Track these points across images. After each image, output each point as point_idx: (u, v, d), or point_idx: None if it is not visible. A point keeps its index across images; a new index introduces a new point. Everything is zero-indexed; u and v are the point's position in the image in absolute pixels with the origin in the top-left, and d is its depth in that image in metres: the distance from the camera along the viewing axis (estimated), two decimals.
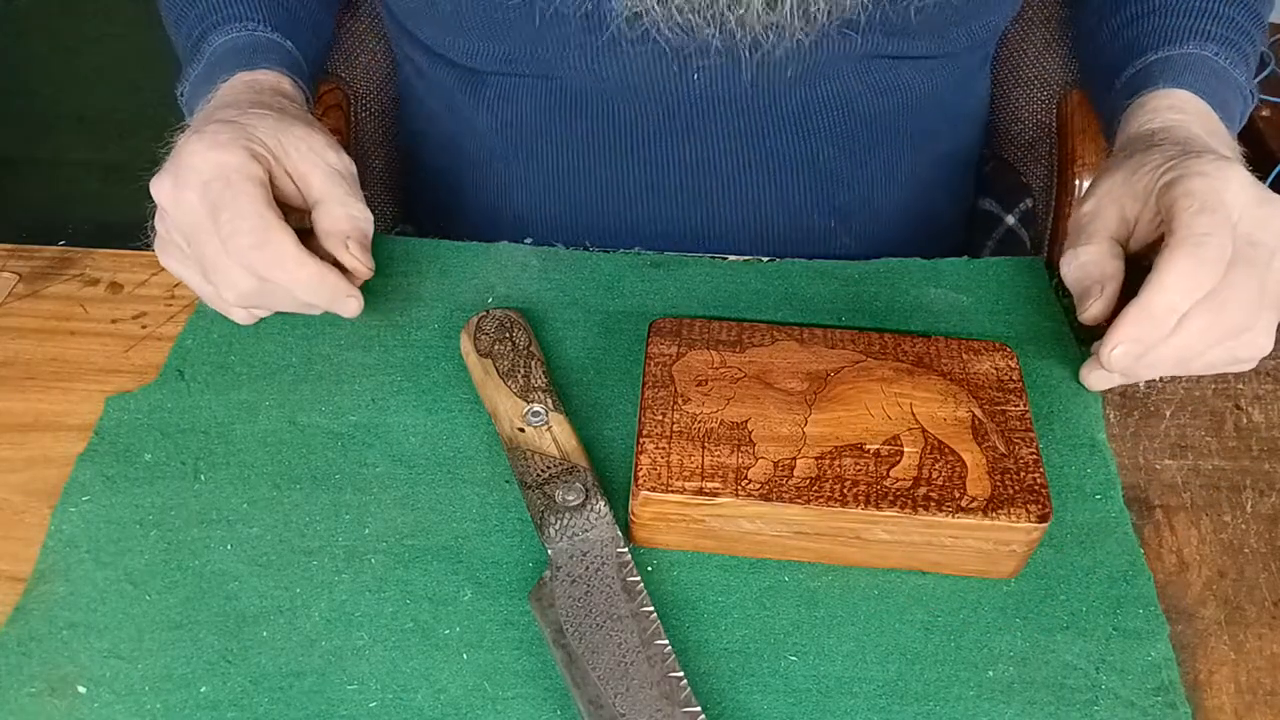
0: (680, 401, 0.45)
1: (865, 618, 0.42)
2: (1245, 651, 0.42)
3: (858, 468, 0.43)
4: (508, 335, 0.50)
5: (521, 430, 0.46)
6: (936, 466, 0.43)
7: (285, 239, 0.44)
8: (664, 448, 0.43)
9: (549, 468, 0.45)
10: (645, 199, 0.63)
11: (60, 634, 0.41)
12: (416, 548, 0.44)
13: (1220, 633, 0.42)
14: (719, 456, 0.43)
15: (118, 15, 1.83)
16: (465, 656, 0.41)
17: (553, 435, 0.46)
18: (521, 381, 0.48)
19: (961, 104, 0.68)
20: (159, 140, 0.51)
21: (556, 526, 0.43)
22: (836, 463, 0.43)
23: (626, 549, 0.43)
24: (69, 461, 0.47)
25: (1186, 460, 0.49)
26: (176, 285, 0.56)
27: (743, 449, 0.43)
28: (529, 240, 0.59)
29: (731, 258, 0.58)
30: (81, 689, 0.40)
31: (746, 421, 0.44)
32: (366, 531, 0.45)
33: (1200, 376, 0.52)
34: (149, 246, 0.51)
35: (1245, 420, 0.50)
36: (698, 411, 0.44)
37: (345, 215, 0.48)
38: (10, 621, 0.42)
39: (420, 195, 0.77)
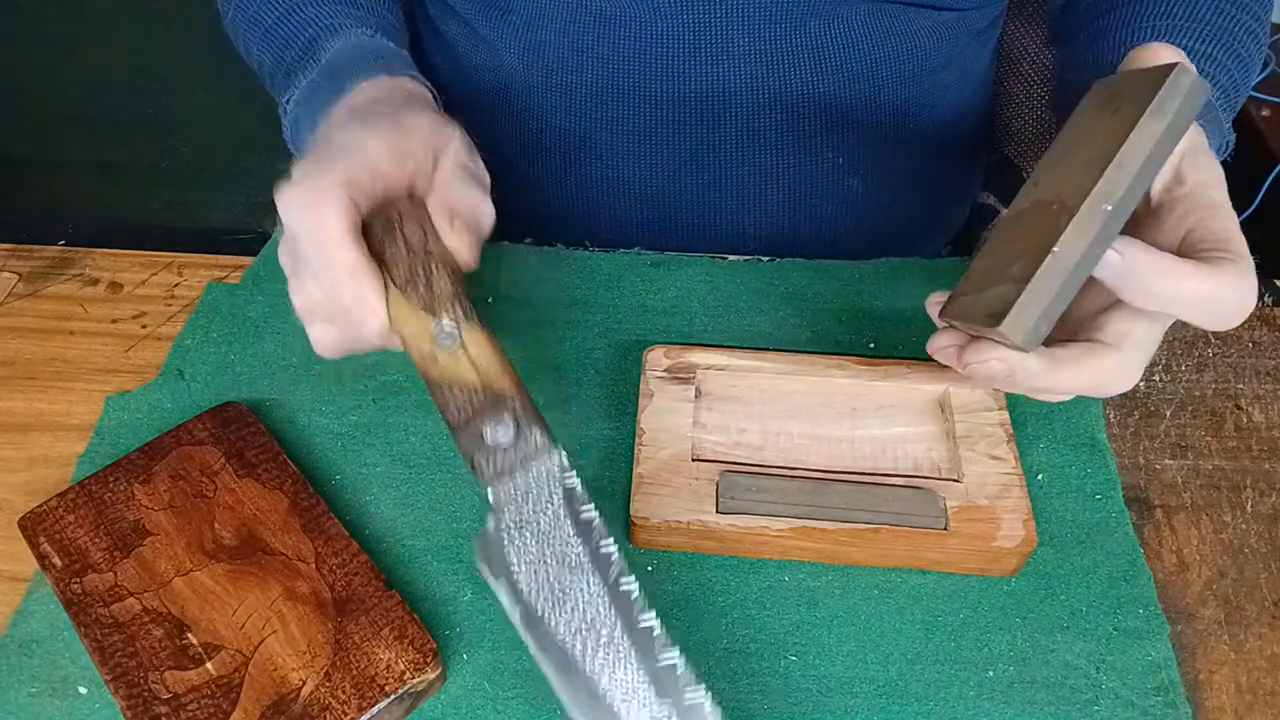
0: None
1: (865, 618, 0.42)
2: (1245, 651, 0.42)
3: (156, 646, 0.39)
4: (396, 231, 0.39)
5: (435, 359, 0.38)
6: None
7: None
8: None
9: (470, 401, 0.37)
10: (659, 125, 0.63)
11: (61, 635, 0.41)
12: (416, 548, 0.44)
13: (1220, 633, 0.42)
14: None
15: (118, 15, 1.83)
16: (465, 656, 0.41)
17: (469, 357, 0.37)
18: (423, 292, 0.38)
19: (969, 68, 0.68)
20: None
21: (492, 470, 0.36)
22: (149, 627, 0.40)
23: (573, 473, 0.37)
24: (69, 461, 0.47)
25: (1186, 460, 0.49)
26: (176, 285, 0.56)
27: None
28: (529, 240, 0.59)
29: (731, 258, 0.58)
30: (82, 689, 0.40)
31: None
32: (366, 532, 0.45)
33: (1200, 375, 0.52)
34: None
35: (1245, 420, 0.50)
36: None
37: (466, 197, 0.41)
38: (12, 622, 0.42)
39: None
